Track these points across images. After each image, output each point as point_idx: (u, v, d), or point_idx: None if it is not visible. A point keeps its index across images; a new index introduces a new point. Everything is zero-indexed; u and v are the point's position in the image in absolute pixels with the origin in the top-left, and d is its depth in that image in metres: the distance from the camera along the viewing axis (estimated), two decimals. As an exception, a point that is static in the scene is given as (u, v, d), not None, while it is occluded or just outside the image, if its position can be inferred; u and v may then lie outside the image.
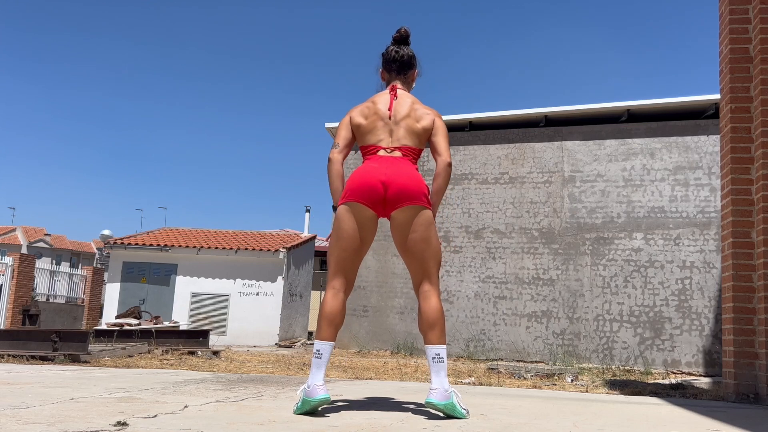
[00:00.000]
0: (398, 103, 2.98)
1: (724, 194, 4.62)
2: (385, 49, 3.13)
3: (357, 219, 2.83)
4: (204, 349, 8.54)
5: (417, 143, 2.96)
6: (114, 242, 18.43)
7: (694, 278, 11.40)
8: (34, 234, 57.07)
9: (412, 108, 2.98)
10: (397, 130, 2.93)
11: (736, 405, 4.01)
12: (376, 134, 2.94)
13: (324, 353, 2.71)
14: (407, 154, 2.92)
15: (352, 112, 3.03)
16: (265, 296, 17.62)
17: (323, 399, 2.62)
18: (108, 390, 3.42)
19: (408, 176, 2.84)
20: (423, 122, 2.96)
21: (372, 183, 2.81)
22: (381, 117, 2.95)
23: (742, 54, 4.55)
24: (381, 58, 3.13)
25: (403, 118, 2.94)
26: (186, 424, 2.29)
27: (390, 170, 2.84)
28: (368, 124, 2.95)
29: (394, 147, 2.92)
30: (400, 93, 3.03)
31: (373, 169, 2.85)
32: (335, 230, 2.88)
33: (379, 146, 2.92)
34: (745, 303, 4.29)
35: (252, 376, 4.97)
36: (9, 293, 16.97)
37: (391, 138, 2.93)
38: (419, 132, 2.95)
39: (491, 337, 12.32)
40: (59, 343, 6.69)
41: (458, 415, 2.67)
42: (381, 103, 3.00)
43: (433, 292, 2.83)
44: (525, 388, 5.22)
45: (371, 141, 2.95)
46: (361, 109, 3.01)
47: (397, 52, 3.08)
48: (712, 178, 11.61)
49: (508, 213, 12.64)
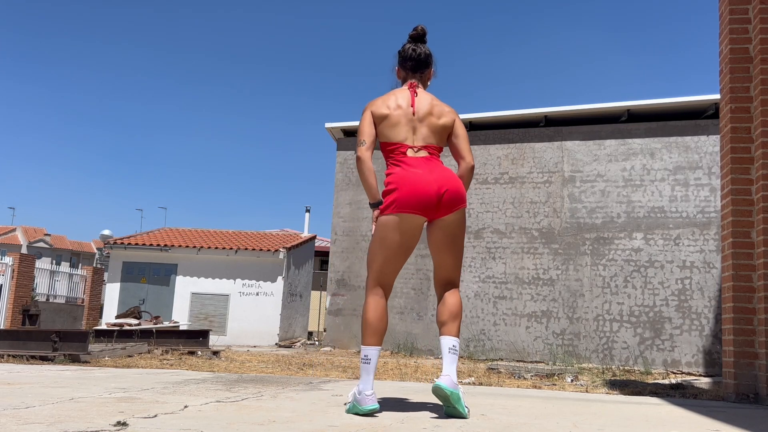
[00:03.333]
0: (419, 100, 2.94)
1: (724, 194, 4.62)
2: (401, 47, 3.07)
3: (408, 228, 2.83)
4: (204, 349, 8.54)
5: (440, 141, 2.95)
6: (114, 242, 18.43)
7: (694, 278, 11.40)
8: (34, 234, 57.07)
9: (432, 105, 2.94)
10: (421, 127, 2.90)
11: (736, 405, 4.01)
12: (400, 131, 2.89)
13: (372, 358, 2.76)
14: (434, 153, 2.90)
15: (372, 105, 2.96)
16: (265, 296, 17.62)
17: (371, 410, 2.66)
18: (108, 390, 3.42)
19: (456, 180, 2.87)
20: (444, 119, 2.95)
21: (428, 193, 2.80)
22: (405, 111, 2.91)
23: (742, 54, 4.55)
24: (397, 56, 3.07)
25: (425, 115, 2.91)
26: (186, 424, 2.29)
27: (440, 176, 2.83)
28: (394, 116, 2.90)
29: (420, 146, 2.89)
30: (420, 90, 2.99)
31: (424, 177, 2.81)
32: (381, 238, 2.85)
33: (406, 145, 2.88)
34: (745, 303, 4.29)
35: (252, 376, 4.97)
36: (9, 293, 16.96)
37: (414, 136, 2.90)
38: (440, 129, 2.93)
39: (491, 337, 12.32)
40: (59, 343, 6.69)
41: (461, 408, 2.67)
42: (402, 98, 2.94)
43: (457, 290, 2.95)
44: (525, 388, 5.21)
45: (396, 138, 2.90)
46: (384, 100, 2.95)
47: (414, 50, 3.02)
48: (712, 178, 11.61)
49: (508, 213, 12.64)
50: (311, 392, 3.69)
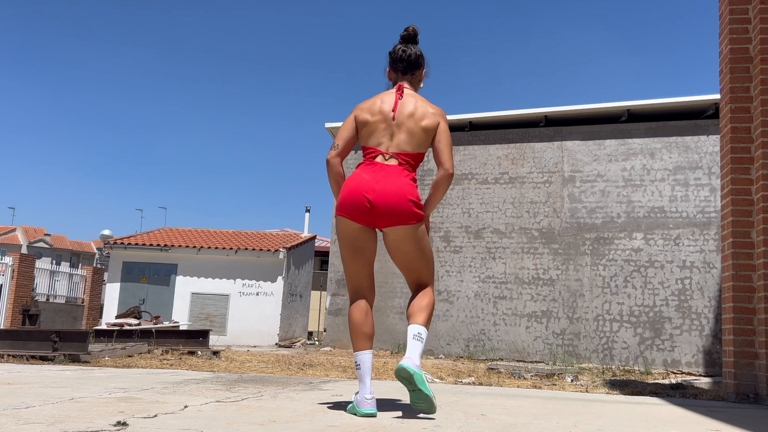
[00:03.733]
0: (403, 104, 2.89)
1: (724, 194, 4.62)
2: (392, 48, 3.02)
3: (348, 232, 2.82)
4: (204, 349, 8.53)
5: (418, 147, 2.86)
6: (114, 242, 18.43)
7: (694, 278, 11.40)
8: (34, 234, 57.07)
9: (416, 107, 2.88)
10: (399, 133, 2.84)
11: (736, 405, 4.01)
12: (378, 136, 2.86)
13: (362, 364, 2.74)
14: (404, 163, 2.82)
15: (357, 109, 2.95)
16: (265, 296, 17.62)
17: (368, 413, 2.64)
18: (108, 390, 3.42)
19: (396, 194, 2.74)
20: (425, 121, 2.86)
21: (357, 198, 2.75)
22: (385, 117, 2.87)
23: (742, 54, 4.55)
24: (388, 57, 3.03)
25: (405, 119, 2.85)
26: (186, 424, 2.29)
27: (379, 185, 2.75)
28: (373, 123, 2.87)
29: (392, 153, 2.83)
30: (406, 93, 2.93)
31: (362, 182, 2.77)
32: (338, 241, 2.90)
33: (378, 150, 2.84)
34: (745, 303, 4.29)
35: (252, 376, 4.97)
36: (9, 293, 16.97)
37: (391, 142, 2.84)
38: (420, 133, 2.85)
39: (491, 337, 12.32)
40: (59, 343, 6.69)
41: (425, 389, 2.58)
42: (387, 102, 2.91)
43: (430, 290, 2.89)
44: (525, 388, 5.21)
45: (371, 143, 2.87)
46: (369, 105, 2.93)
47: (404, 51, 2.98)
48: (712, 178, 11.61)
49: (508, 213, 12.64)
50: (311, 392, 3.69)
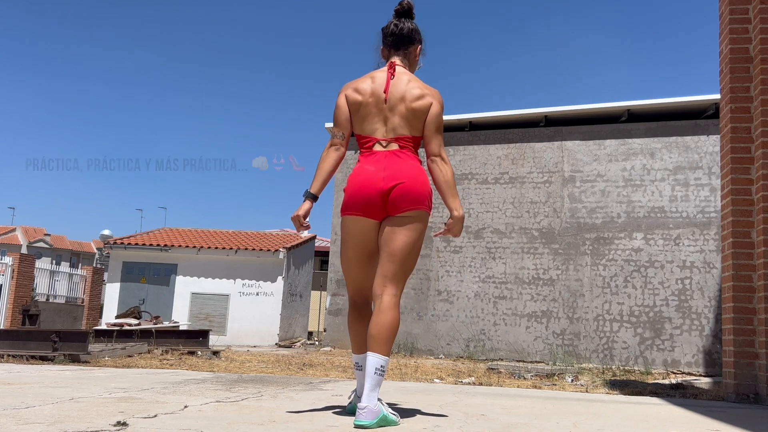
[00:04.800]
0: (395, 83, 2.67)
1: (724, 194, 4.62)
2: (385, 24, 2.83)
3: (356, 231, 2.64)
4: (204, 349, 8.54)
5: (414, 130, 2.66)
6: (114, 242, 18.43)
7: (694, 278, 11.40)
8: (34, 234, 57.07)
9: (409, 87, 2.66)
10: (392, 117, 2.64)
11: (736, 405, 4.01)
12: (371, 122, 2.66)
13: (362, 363, 2.66)
14: (405, 146, 2.64)
15: (346, 89, 2.73)
16: (265, 296, 17.62)
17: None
18: (108, 390, 3.42)
19: (410, 177, 2.58)
20: (418, 102, 2.65)
21: (368, 192, 2.58)
22: (377, 99, 2.65)
23: (742, 54, 4.55)
24: (380, 33, 2.83)
25: (398, 101, 2.64)
26: (186, 424, 2.29)
27: (387, 171, 2.57)
28: (365, 105, 2.66)
29: (390, 139, 2.64)
30: (399, 71, 2.71)
31: (368, 175, 2.59)
32: (341, 242, 2.73)
33: (375, 138, 2.66)
34: (745, 303, 4.29)
35: (252, 376, 4.97)
36: (9, 293, 16.96)
37: (386, 127, 2.65)
38: (413, 116, 2.64)
39: (491, 337, 12.32)
40: (59, 343, 6.69)
41: (391, 423, 2.41)
42: (378, 81, 2.69)
43: (396, 301, 2.56)
44: (525, 388, 5.22)
45: (365, 131, 2.67)
46: (358, 84, 2.71)
47: (396, 25, 2.78)
48: (712, 178, 11.61)
49: (508, 213, 12.64)
50: (311, 392, 3.69)
